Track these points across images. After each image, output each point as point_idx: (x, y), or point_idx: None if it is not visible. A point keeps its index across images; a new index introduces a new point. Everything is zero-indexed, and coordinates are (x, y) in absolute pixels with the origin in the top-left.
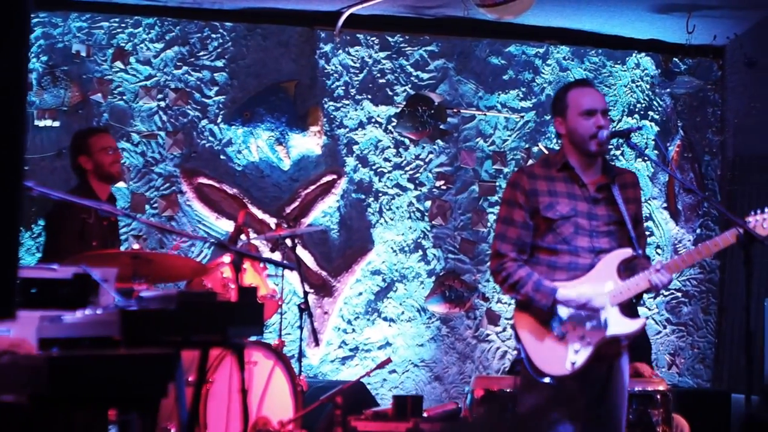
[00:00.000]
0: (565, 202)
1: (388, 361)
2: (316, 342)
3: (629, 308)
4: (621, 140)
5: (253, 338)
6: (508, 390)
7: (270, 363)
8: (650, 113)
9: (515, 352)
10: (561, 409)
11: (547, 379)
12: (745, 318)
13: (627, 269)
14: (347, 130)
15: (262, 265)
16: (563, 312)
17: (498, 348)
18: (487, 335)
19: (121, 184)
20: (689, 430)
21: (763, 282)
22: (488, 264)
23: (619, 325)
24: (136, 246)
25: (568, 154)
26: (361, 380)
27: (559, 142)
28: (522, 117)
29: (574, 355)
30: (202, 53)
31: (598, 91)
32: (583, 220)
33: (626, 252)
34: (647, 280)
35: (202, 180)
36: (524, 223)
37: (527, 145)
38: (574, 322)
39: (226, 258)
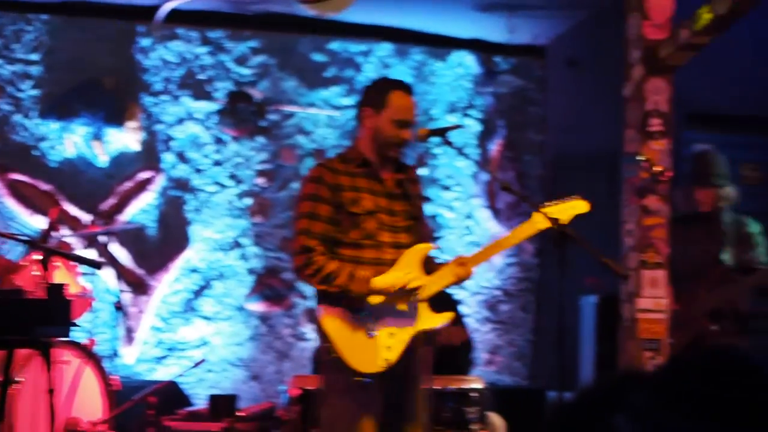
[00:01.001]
0: (368, 198)
1: (201, 361)
2: (131, 341)
3: (437, 302)
4: (440, 138)
5: (64, 337)
6: (314, 389)
7: (80, 362)
8: (472, 112)
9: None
10: (369, 408)
11: (361, 378)
12: (559, 316)
13: (425, 264)
14: (166, 125)
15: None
16: (374, 305)
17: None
18: (306, 334)
19: None
20: (505, 428)
21: (580, 281)
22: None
23: (427, 320)
24: None
25: (366, 149)
26: (176, 380)
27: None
28: (343, 114)
29: (387, 352)
30: (16, 46)
31: (414, 103)
32: (385, 215)
33: (429, 247)
34: (452, 273)
35: (15, 176)
36: (330, 218)
37: (349, 143)
38: (384, 318)
39: (37, 256)
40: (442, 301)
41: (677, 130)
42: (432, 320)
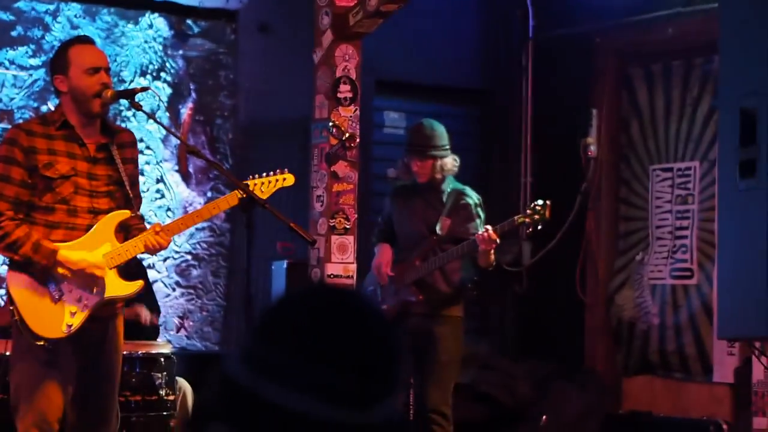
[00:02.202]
0: (65, 161)
1: None
2: None
3: (128, 270)
4: (128, 101)
5: None
6: (5, 353)
7: None
8: (163, 75)
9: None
10: (54, 373)
11: (41, 342)
12: (246, 281)
13: (123, 230)
14: None
15: None
16: (61, 274)
17: None
18: None
19: None
20: (192, 393)
21: (272, 246)
22: None
23: (116, 288)
24: None
25: (68, 113)
26: None
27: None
28: (31, 75)
29: (71, 318)
30: None
31: (99, 49)
32: (83, 179)
33: (123, 214)
34: (144, 242)
35: None
36: (22, 181)
37: (36, 104)
38: (71, 285)
39: None
40: (134, 268)
41: (366, 97)
42: (121, 288)
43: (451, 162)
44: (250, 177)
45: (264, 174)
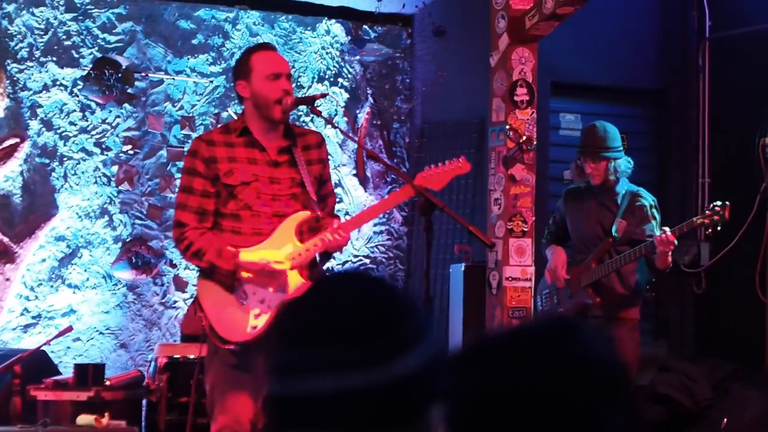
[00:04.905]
0: (246, 168)
1: (69, 329)
2: None
3: (314, 270)
4: (307, 107)
5: None
6: (192, 357)
7: None
8: (340, 80)
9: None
10: (246, 376)
11: (230, 346)
12: (426, 284)
13: (310, 231)
14: (31, 92)
15: None
16: (245, 277)
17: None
18: (175, 302)
19: None
20: None
21: (449, 249)
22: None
23: (300, 287)
24: None
25: (249, 119)
26: (43, 348)
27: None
28: (211, 82)
29: (255, 320)
30: None
31: (281, 55)
32: (265, 185)
33: (304, 215)
34: (322, 240)
35: None
36: (204, 191)
37: (216, 110)
38: (255, 287)
39: None
40: (316, 269)
41: (542, 99)
42: (303, 288)
43: (624, 164)
44: (426, 167)
45: (436, 165)
